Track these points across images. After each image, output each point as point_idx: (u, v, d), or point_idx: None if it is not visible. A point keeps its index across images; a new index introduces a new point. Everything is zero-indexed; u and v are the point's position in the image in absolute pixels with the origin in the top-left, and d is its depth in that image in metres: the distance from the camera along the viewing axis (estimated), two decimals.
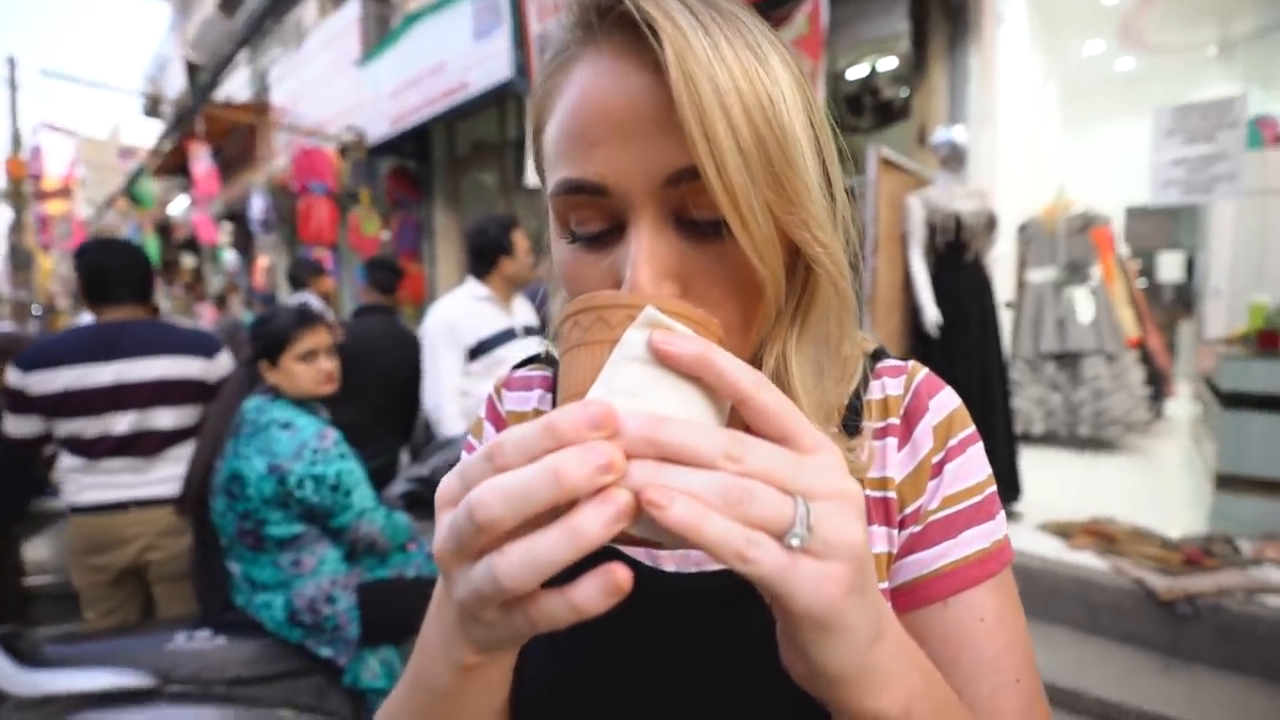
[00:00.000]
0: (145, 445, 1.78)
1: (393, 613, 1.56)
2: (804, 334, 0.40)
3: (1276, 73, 4.97)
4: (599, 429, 0.24)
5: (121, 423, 1.73)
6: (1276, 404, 2.48)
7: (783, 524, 0.24)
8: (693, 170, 0.33)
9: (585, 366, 0.28)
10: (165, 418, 1.79)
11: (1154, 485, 3.38)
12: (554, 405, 0.53)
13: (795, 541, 0.24)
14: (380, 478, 2.65)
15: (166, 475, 1.81)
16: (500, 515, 0.23)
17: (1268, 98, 5.10)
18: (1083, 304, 3.88)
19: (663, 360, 0.27)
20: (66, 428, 1.72)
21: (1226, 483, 2.60)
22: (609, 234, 0.38)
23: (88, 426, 1.72)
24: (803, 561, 0.25)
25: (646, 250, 0.35)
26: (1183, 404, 4.80)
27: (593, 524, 0.23)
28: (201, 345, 1.86)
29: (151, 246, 10.12)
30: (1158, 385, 4.31)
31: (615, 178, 0.35)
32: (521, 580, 0.23)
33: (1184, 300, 6.13)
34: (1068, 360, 3.94)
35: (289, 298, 3.26)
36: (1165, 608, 2.11)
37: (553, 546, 0.23)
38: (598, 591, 0.24)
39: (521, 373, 0.56)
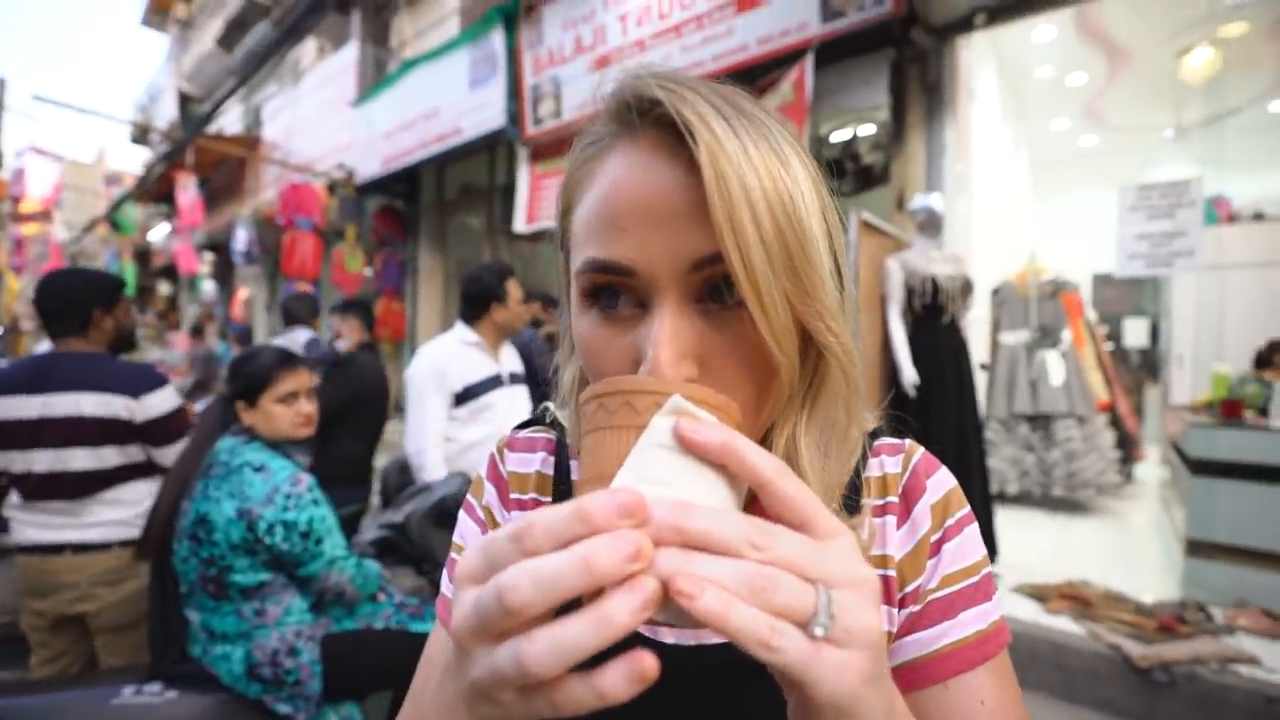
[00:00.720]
0: (64, 487, 1.67)
1: (358, 667, 1.49)
2: (813, 417, 0.42)
3: (1228, 156, 5.30)
4: (629, 517, 0.24)
5: (40, 460, 1.64)
6: (1242, 472, 2.55)
7: (806, 612, 0.25)
8: (717, 256, 0.36)
9: (611, 450, 0.29)
10: (81, 458, 1.66)
11: (1125, 548, 3.41)
12: (556, 469, 0.54)
13: (819, 631, 0.25)
14: (359, 518, 2.62)
15: (102, 519, 1.72)
16: (530, 600, 0.24)
17: (1221, 179, 5.41)
18: (1054, 366, 3.99)
19: (689, 448, 0.28)
20: (2, 460, 1.65)
21: (1197, 548, 2.64)
22: (632, 313, 0.39)
23: (14, 461, 1.64)
24: (825, 650, 0.25)
25: (670, 330, 0.37)
26: (1151, 467, 4.90)
27: (622, 612, 0.23)
28: (130, 384, 1.70)
29: (129, 273, 9.98)
30: (1127, 448, 4.40)
31: (644, 261, 0.37)
32: (548, 667, 0.23)
33: (1149, 365, 6.33)
34: (1040, 421, 4.02)
35: (281, 335, 3.20)
36: (1141, 675, 2.10)
37: (581, 634, 0.23)
38: (624, 679, 0.24)
39: (525, 434, 0.57)
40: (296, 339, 3.33)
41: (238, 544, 1.39)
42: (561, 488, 0.52)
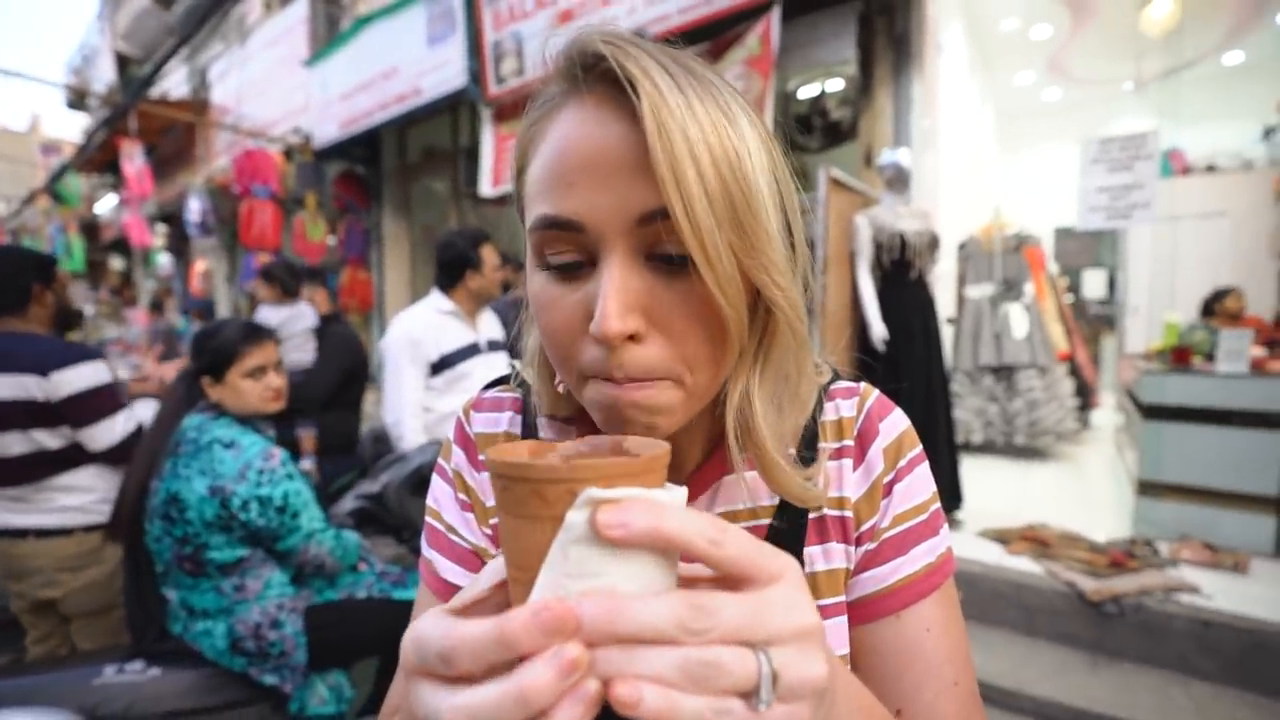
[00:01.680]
0: (9, 473, 1.63)
1: (342, 636, 1.51)
2: (765, 373, 0.42)
3: (1184, 108, 5.40)
4: (557, 634, 0.23)
5: None
6: (1190, 415, 2.68)
7: (749, 685, 0.24)
8: (663, 211, 0.36)
9: (529, 543, 0.27)
10: (12, 443, 1.62)
11: (1082, 491, 3.58)
12: (524, 428, 0.54)
13: (763, 707, 0.25)
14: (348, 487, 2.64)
15: (59, 505, 1.69)
16: None
17: (1177, 131, 5.52)
18: (1017, 319, 4.09)
19: (613, 542, 0.25)
20: None
21: (1146, 488, 2.79)
22: (582, 268, 0.40)
23: None
24: (769, 712, 0.25)
25: (618, 282, 0.37)
26: (1107, 414, 5.12)
27: None
28: (38, 362, 1.61)
29: (76, 247, 9.52)
30: (1084, 397, 4.58)
31: (591, 215, 0.38)
32: None
33: (1106, 316, 6.54)
34: (1004, 373, 4.14)
35: (273, 310, 2.96)
36: (1093, 608, 2.24)
37: None
38: None
39: (492, 394, 0.57)
40: (304, 314, 3.03)
41: (212, 521, 1.38)
42: None
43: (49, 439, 1.66)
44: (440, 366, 2.13)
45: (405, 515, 1.89)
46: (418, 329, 2.12)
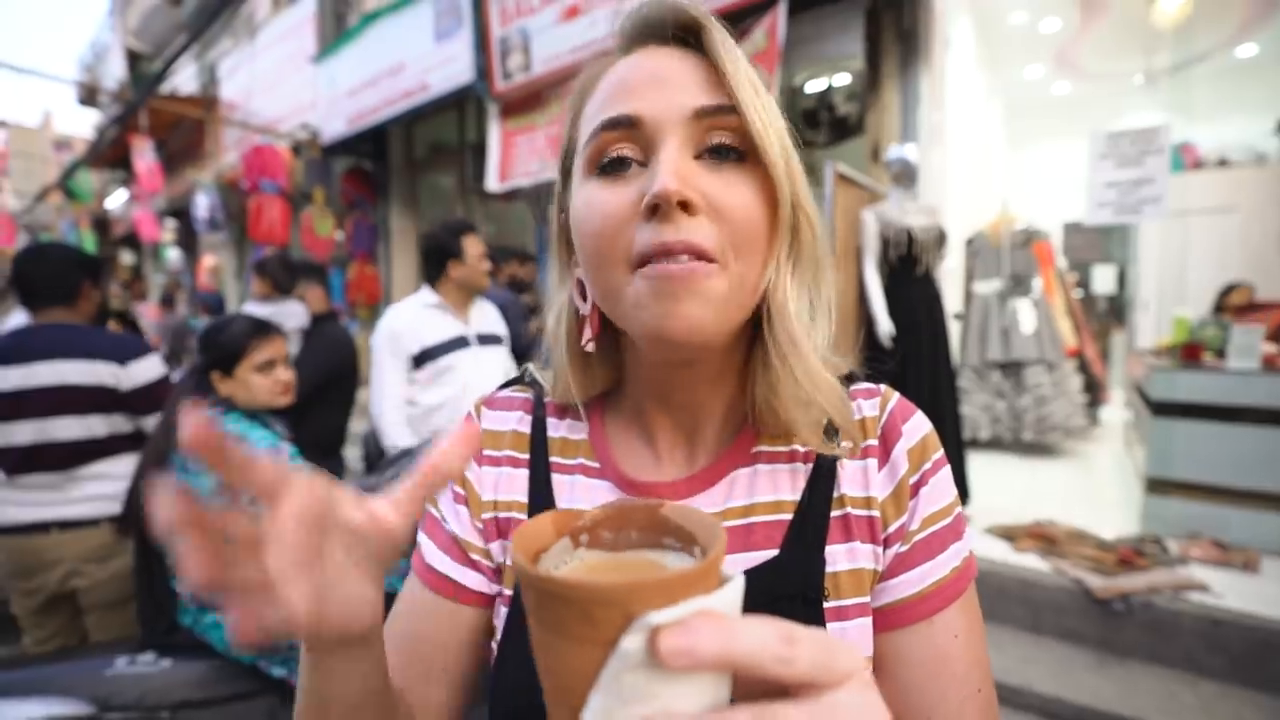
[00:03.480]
0: (49, 458, 1.66)
1: None
2: (796, 273, 0.46)
3: (1195, 103, 5.34)
4: None
5: (22, 432, 1.62)
6: (1200, 412, 2.66)
7: None
8: (718, 108, 0.41)
9: (569, 664, 0.24)
10: (68, 427, 1.66)
11: (1090, 488, 3.56)
12: (534, 426, 0.55)
13: None
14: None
15: (89, 494, 1.71)
16: None
17: (1189, 125, 5.46)
18: (1025, 315, 4.07)
19: (679, 669, 0.22)
20: None
21: (1155, 486, 2.77)
22: (631, 167, 0.43)
23: None
24: None
25: (675, 157, 0.40)
26: (1116, 410, 5.08)
27: None
28: (116, 351, 1.71)
29: (88, 242, 9.61)
30: (1093, 393, 4.54)
31: (650, 110, 0.42)
32: None
33: (1116, 311, 6.48)
34: (1012, 369, 4.12)
35: (257, 305, 2.97)
36: (1101, 605, 2.23)
37: None
38: None
39: (505, 393, 0.58)
40: (293, 312, 3.02)
41: None
42: (538, 447, 0.54)
43: (101, 425, 1.71)
44: (423, 359, 2.12)
45: None
46: (399, 323, 2.13)
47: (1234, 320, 3.09)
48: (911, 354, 2.92)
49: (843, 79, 3.61)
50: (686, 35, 0.44)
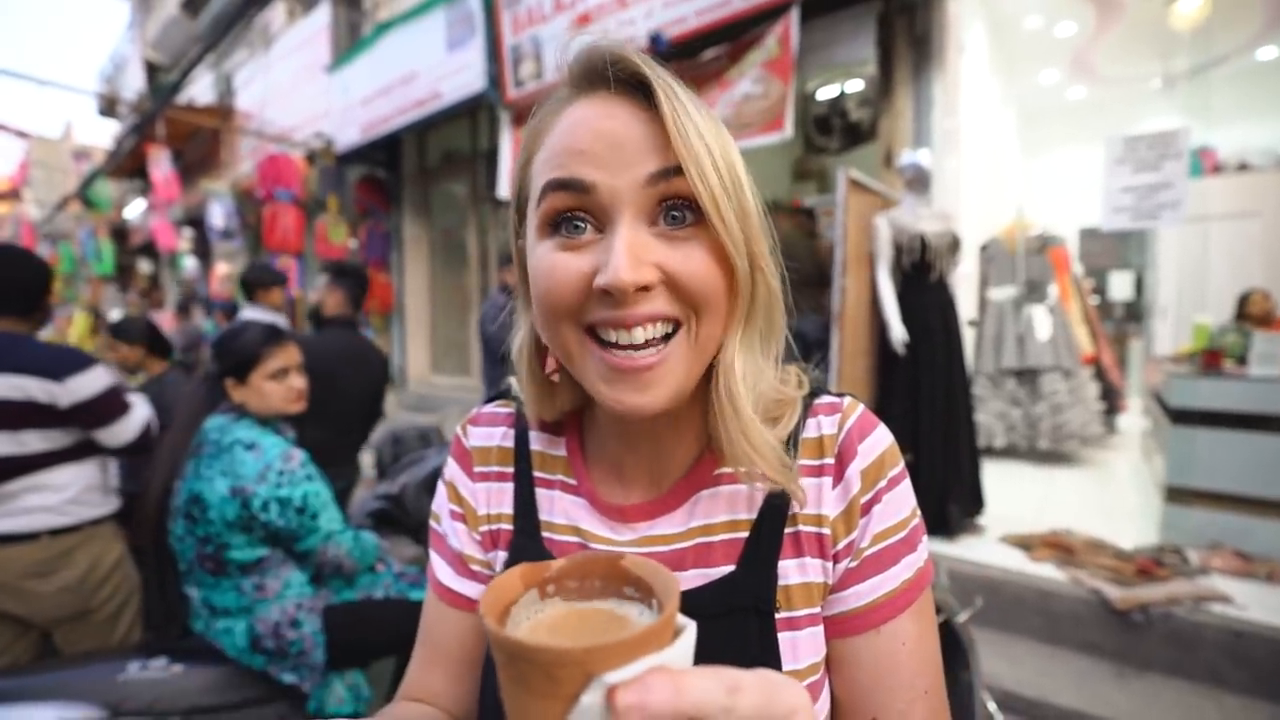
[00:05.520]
0: None
1: (361, 636, 1.52)
2: (746, 331, 0.46)
3: (1215, 106, 5.26)
4: None
5: None
6: (1220, 420, 2.61)
7: None
8: (671, 170, 0.40)
9: (537, 717, 0.27)
10: None
11: (1107, 497, 3.50)
12: (516, 440, 0.58)
13: None
14: (344, 499, 2.60)
15: (30, 506, 1.61)
16: None
17: (1208, 129, 5.39)
18: (1041, 321, 4.02)
19: None
20: None
21: (1175, 495, 2.72)
22: (591, 238, 0.42)
23: None
24: None
25: (630, 236, 0.40)
26: (1134, 418, 5.00)
27: None
28: (52, 366, 1.58)
29: (106, 252, 9.76)
30: (1110, 400, 4.48)
31: (602, 179, 0.41)
32: None
33: (1134, 317, 6.39)
34: (1027, 376, 4.07)
35: (258, 310, 3.01)
36: (1120, 617, 2.19)
37: None
38: None
39: (489, 409, 0.61)
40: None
41: (233, 521, 1.40)
42: (521, 461, 0.57)
43: (37, 441, 1.61)
44: None
45: (423, 516, 1.91)
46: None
47: (1255, 327, 3.03)
48: (925, 361, 2.89)
49: (855, 85, 3.60)
50: (633, 83, 0.42)
